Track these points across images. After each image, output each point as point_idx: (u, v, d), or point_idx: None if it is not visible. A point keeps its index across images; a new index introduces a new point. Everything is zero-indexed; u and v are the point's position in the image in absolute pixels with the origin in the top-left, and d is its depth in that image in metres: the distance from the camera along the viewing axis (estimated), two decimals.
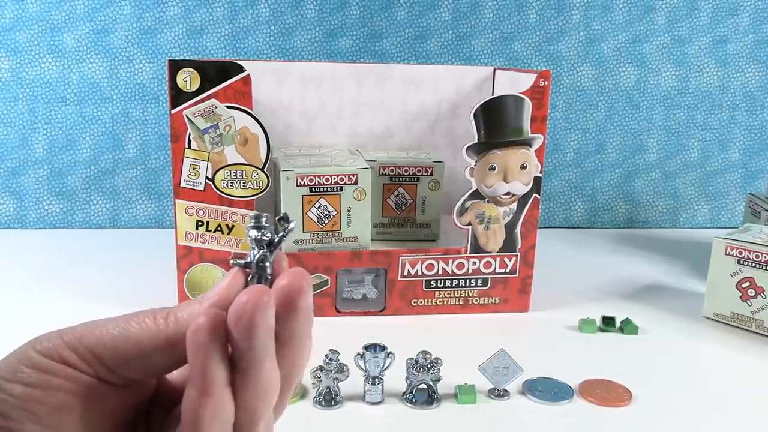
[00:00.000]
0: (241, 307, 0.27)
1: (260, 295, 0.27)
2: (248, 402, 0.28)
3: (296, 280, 0.28)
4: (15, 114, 1.01)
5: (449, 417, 0.54)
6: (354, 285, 0.73)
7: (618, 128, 1.11)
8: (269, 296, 0.27)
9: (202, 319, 0.27)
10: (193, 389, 0.27)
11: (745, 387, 0.61)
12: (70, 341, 0.28)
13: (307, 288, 0.28)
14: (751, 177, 1.15)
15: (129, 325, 0.28)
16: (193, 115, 0.67)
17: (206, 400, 0.27)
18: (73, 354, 0.28)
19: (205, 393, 0.27)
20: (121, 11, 0.99)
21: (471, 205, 0.71)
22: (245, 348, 0.27)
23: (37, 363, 0.27)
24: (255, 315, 0.27)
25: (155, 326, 0.28)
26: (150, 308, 0.30)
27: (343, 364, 0.55)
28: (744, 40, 1.09)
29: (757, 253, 0.70)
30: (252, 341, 0.27)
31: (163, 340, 0.28)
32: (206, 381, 0.27)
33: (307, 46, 1.03)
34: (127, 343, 0.28)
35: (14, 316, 0.72)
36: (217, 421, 0.27)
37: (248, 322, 0.27)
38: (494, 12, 1.05)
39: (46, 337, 0.28)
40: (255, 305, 0.27)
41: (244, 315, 0.27)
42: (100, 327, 0.29)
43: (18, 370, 0.27)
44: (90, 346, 0.28)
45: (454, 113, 0.94)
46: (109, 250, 0.95)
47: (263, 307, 0.27)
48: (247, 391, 0.28)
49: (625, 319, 0.72)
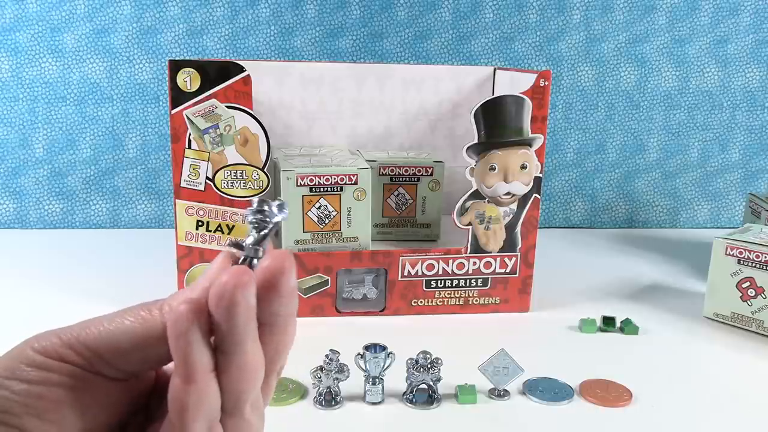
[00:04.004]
0: (221, 287, 0.27)
1: (240, 275, 0.27)
2: (232, 384, 0.28)
3: (278, 261, 0.28)
4: (15, 114, 1.01)
5: (449, 417, 0.54)
6: (354, 285, 0.73)
7: (618, 128, 1.11)
8: (249, 276, 0.27)
9: (182, 306, 0.27)
10: (177, 377, 0.27)
11: (745, 387, 0.61)
12: (67, 340, 0.28)
13: (289, 268, 0.28)
14: (751, 177, 1.15)
15: (124, 319, 0.29)
16: (194, 115, 0.67)
17: (190, 387, 0.27)
18: (71, 351, 0.28)
19: (189, 380, 0.27)
20: (121, 11, 0.99)
21: (471, 205, 0.71)
22: (226, 329, 0.27)
23: (35, 361, 0.28)
24: (235, 294, 0.27)
25: (150, 317, 0.29)
26: (142, 302, 0.30)
27: (344, 364, 0.55)
28: (744, 40, 1.09)
29: (757, 253, 0.70)
30: (232, 321, 0.27)
31: (159, 330, 0.28)
32: (189, 368, 0.27)
33: (307, 46, 1.03)
34: (124, 336, 0.28)
35: (14, 316, 0.72)
36: (203, 407, 0.27)
37: (228, 301, 0.27)
38: (494, 12, 1.05)
39: (42, 337, 0.29)
40: (235, 284, 0.27)
41: (225, 294, 0.27)
42: (95, 324, 0.29)
43: (16, 368, 0.28)
44: (87, 343, 0.28)
45: (455, 113, 0.94)
46: (110, 250, 0.95)
47: (243, 286, 0.27)
48: (230, 374, 0.28)
49: (626, 319, 0.72)
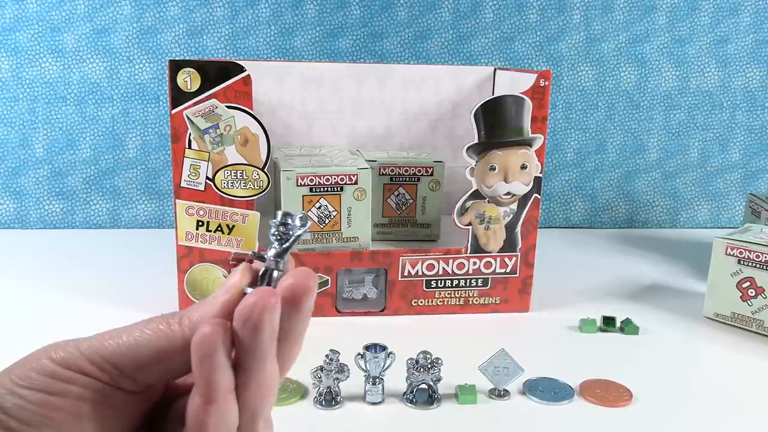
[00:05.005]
0: (249, 308, 0.27)
1: (268, 297, 0.27)
2: (250, 401, 0.29)
3: (304, 280, 0.29)
4: (15, 114, 1.01)
5: (449, 417, 0.54)
6: (354, 285, 0.73)
7: (618, 128, 1.11)
8: (276, 299, 0.28)
9: (207, 328, 0.27)
10: (198, 396, 0.27)
11: (745, 387, 0.61)
12: (87, 353, 0.28)
13: (313, 288, 0.29)
14: (751, 177, 1.15)
15: (143, 333, 0.29)
16: (194, 115, 0.67)
17: (210, 407, 0.27)
18: (91, 364, 0.28)
19: (210, 401, 0.27)
20: (121, 11, 0.99)
21: (471, 205, 0.71)
22: (250, 349, 0.28)
23: (54, 372, 0.28)
24: (263, 317, 0.27)
25: (170, 331, 0.29)
26: (160, 314, 0.30)
27: (344, 364, 0.55)
28: (745, 40, 1.09)
29: (757, 253, 0.70)
30: (257, 342, 0.28)
31: (180, 343, 0.29)
32: (211, 389, 0.27)
33: (307, 46, 1.03)
34: (144, 349, 0.28)
35: (14, 316, 0.71)
36: (221, 427, 0.28)
37: (255, 323, 0.27)
38: (495, 12, 1.05)
39: (61, 347, 0.29)
40: (263, 307, 0.27)
41: (252, 316, 0.27)
42: (114, 337, 0.29)
43: (33, 378, 0.28)
44: (108, 357, 0.28)
45: (455, 113, 0.94)
46: (110, 250, 0.95)
47: (270, 309, 0.27)
48: (249, 390, 0.28)
49: (626, 319, 0.72)
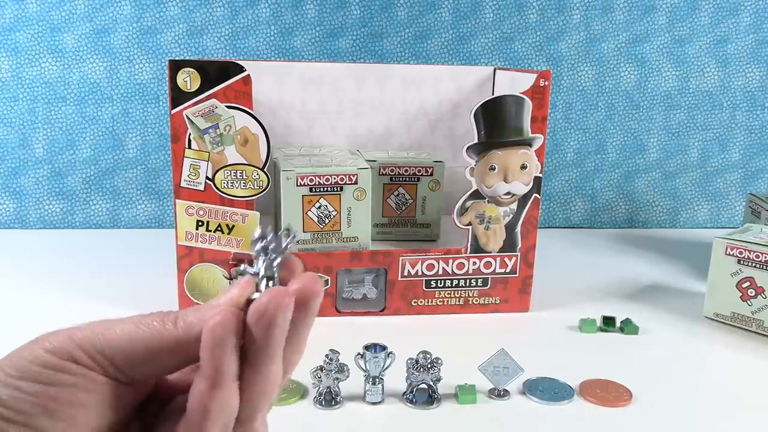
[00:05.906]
0: (264, 305, 0.28)
1: (282, 296, 0.29)
2: (254, 396, 0.30)
3: (312, 284, 0.30)
4: (15, 114, 1.01)
5: (449, 417, 0.54)
6: (354, 285, 0.73)
7: (618, 128, 1.11)
8: (290, 299, 0.29)
9: (222, 315, 0.28)
10: (203, 381, 0.28)
11: (745, 387, 0.61)
12: (80, 342, 0.29)
13: (320, 291, 0.30)
14: (751, 177, 1.15)
15: (138, 328, 0.29)
16: (194, 115, 0.67)
17: (215, 392, 0.28)
18: (84, 354, 0.29)
19: (216, 386, 0.28)
20: (121, 11, 0.99)
21: (471, 205, 0.71)
22: (262, 345, 0.29)
23: (47, 362, 0.28)
24: (277, 314, 0.28)
25: (164, 329, 0.29)
26: (157, 311, 0.30)
27: (344, 364, 0.55)
28: (745, 40, 1.09)
29: (757, 253, 0.70)
30: (269, 338, 0.29)
31: (173, 343, 0.29)
32: (219, 374, 0.28)
33: (307, 46, 1.03)
34: (137, 345, 0.29)
35: (14, 315, 0.72)
36: (224, 413, 0.28)
37: (270, 320, 0.28)
38: (494, 12, 1.05)
39: (54, 337, 0.29)
40: (277, 305, 0.28)
41: (267, 314, 0.28)
42: (109, 329, 0.29)
43: (28, 368, 0.28)
44: (100, 349, 0.29)
45: (455, 113, 0.94)
46: (109, 250, 0.95)
47: (284, 308, 0.29)
48: (255, 386, 0.29)
49: (626, 319, 0.72)
